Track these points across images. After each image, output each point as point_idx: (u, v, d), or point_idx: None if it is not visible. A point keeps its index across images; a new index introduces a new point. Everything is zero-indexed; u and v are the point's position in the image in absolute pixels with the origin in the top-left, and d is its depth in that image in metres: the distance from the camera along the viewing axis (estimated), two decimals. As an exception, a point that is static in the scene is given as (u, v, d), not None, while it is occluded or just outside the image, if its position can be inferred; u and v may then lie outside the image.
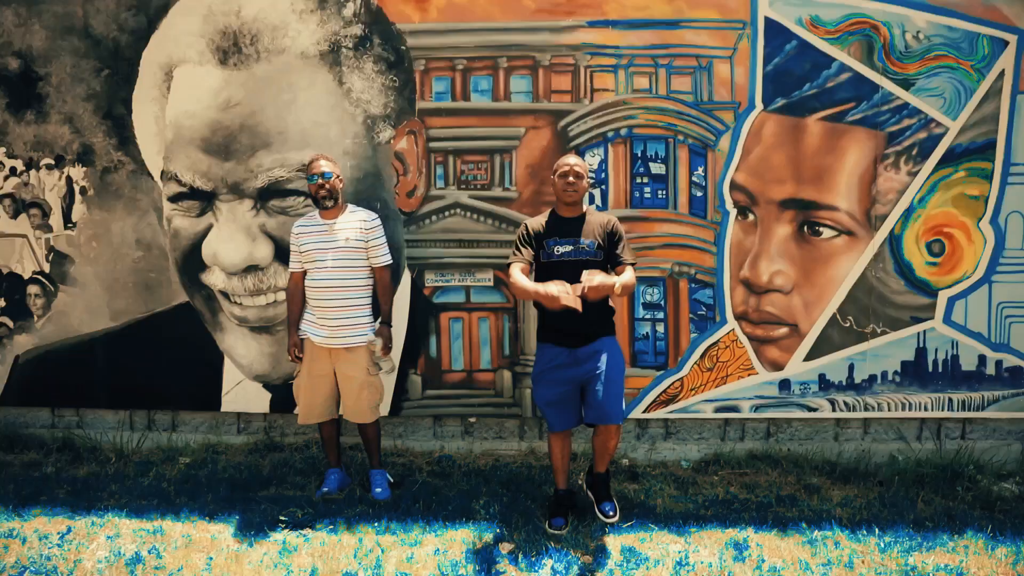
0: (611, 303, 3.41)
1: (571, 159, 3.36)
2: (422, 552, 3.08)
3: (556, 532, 3.27)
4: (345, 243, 3.58)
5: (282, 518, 3.35)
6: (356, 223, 3.62)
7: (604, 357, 3.31)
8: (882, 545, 3.15)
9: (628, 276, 3.24)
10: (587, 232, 3.33)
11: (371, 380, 3.66)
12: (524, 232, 3.38)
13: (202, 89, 4.05)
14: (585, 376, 3.31)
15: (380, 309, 3.70)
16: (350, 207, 3.71)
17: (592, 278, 3.07)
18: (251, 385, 4.22)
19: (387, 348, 3.66)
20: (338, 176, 3.62)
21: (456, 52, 4.01)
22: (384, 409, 4.15)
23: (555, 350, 3.34)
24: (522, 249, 3.35)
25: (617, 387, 3.33)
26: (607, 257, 3.33)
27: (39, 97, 4.12)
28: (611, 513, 3.36)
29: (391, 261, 3.71)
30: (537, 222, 3.40)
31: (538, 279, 3.30)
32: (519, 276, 3.28)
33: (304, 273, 3.66)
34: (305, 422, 3.72)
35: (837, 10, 3.94)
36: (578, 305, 3.02)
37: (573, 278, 3.16)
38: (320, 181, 3.55)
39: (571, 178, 3.30)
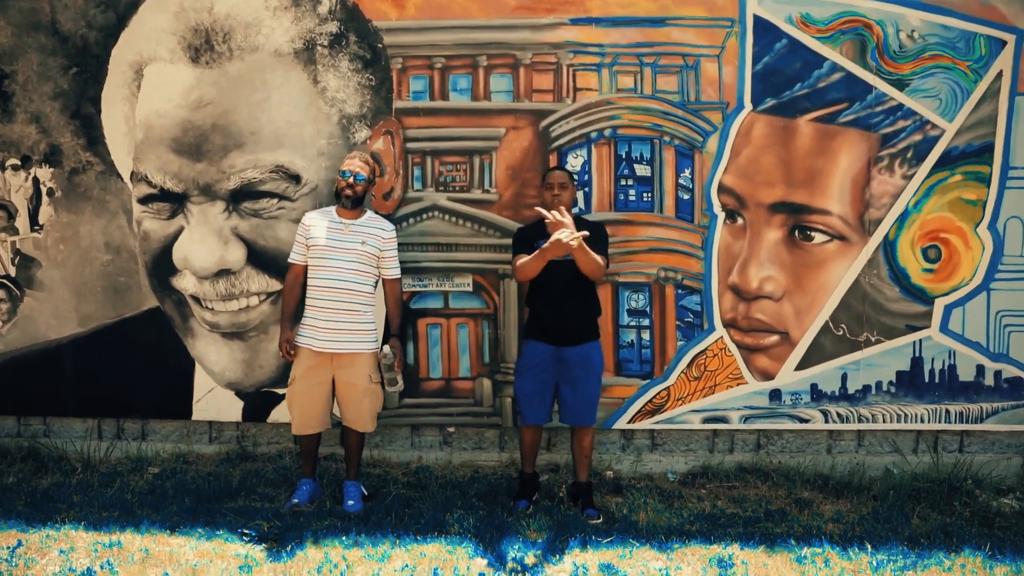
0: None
1: (556, 172, 3.56)
2: (389, 568, 2.93)
3: (521, 512, 3.44)
4: (362, 247, 3.47)
5: (246, 531, 3.20)
6: (375, 231, 3.53)
7: (586, 361, 3.49)
8: (874, 564, 2.99)
9: (597, 256, 3.37)
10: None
11: (372, 388, 3.54)
12: (517, 238, 3.58)
13: (173, 88, 3.93)
14: (564, 377, 3.48)
15: (390, 323, 3.65)
16: (369, 212, 3.61)
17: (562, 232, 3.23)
18: (223, 393, 4.08)
19: (401, 361, 3.57)
20: (370, 181, 3.54)
21: (434, 50, 3.89)
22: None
23: (540, 347, 3.49)
24: (518, 252, 3.51)
25: (594, 391, 3.52)
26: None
27: (4, 95, 4.00)
28: (596, 516, 3.42)
29: (401, 275, 3.65)
30: (527, 228, 3.60)
31: (530, 284, 3.55)
32: (522, 260, 3.42)
33: (305, 268, 3.55)
34: (301, 432, 3.58)
35: (829, 8, 3.82)
36: (572, 232, 3.21)
37: (562, 278, 3.40)
38: (351, 180, 3.47)
39: (556, 189, 3.48)
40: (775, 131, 3.88)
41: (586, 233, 3.27)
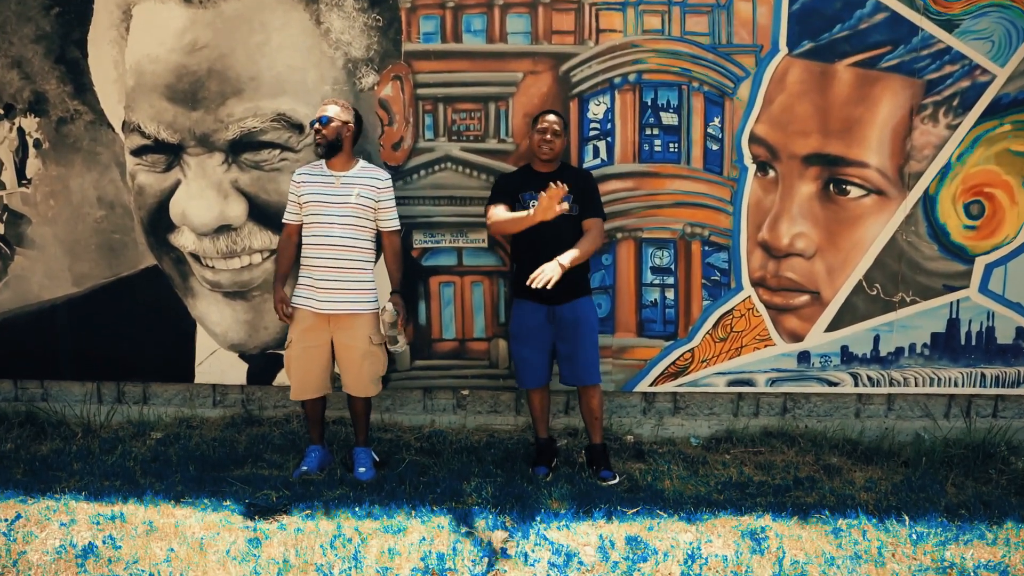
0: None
1: (549, 116, 3.33)
2: (405, 542, 2.79)
3: (540, 479, 3.33)
4: (356, 200, 3.26)
5: (254, 501, 3.06)
6: (368, 180, 3.31)
7: (580, 317, 3.36)
8: (914, 536, 2.85)
9: (587, 242, 3.26)
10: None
11: (373, 350, 3.36)
12: (501, 181, 3.41)
13: (165, 30, 3.66)
14: (561, 336, 3.37)
15: (390, 278, 3.43)
16: (362, 162, 3.38)
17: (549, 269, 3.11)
18: (226, 355, 3.91)
19: (405, 319, 3.38)
20: (345, 123, 3.28)
21: (446, -13, 3.60)
22: (371, 381, 3.84)
23: (532, 306, 3.36)
24: (500, 198, 3.34)
25: (593, 347, 3.40)
26: (582, 211, 3.32)
27: (-17, 38, 3.73)
28: (611, 478, 3.32)
29: (400, 227, 3.42)
30: (511, 176, 3.42)
31: (514, 239, 3.37)
32: (501, 213, 3.27)
33: (299, 226, 3.35)
34: (299, 398, 3.41)
35: (873, -60, 3.52)
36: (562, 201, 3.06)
37: (551, 232, 3.22)
38: (317, 125, 3.24)
39: (549, 135, 3.30)
40: (812, 77, 3.61)
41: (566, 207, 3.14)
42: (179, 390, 4.04)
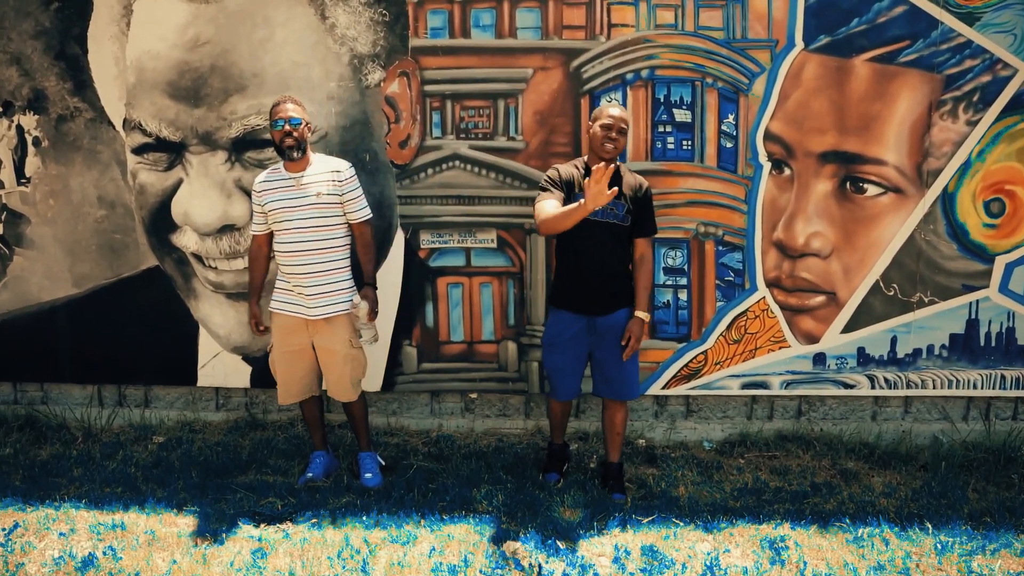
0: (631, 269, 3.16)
1: (615, 110, 3.05)
2: (415, 552, 2.71)
3: (551, 486, 3.22)
4: (317, 198, 3.12)
5: (258, 510, 2.98)
6: (328, 175, 3.15)
7: (622, 330, 3.12)
8: (938, 546, 2.77)
9: (648, 273, 3.13)
10: (619, 193, 3.03)
11: (354, 353, 3.25)
12: (555, 176, 3.07)
13: (167, 25, 3.57)
14: (600, 348, 3.14)
15: (363, 270, 3.27)
16: (318, 156, 3.23)
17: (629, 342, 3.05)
18: (229, 357, 3.83)
19: (373, 313, 3.21)
20: (307, 124, 3.15)
21: (454, -19, 3.51)
22: (376, 384, 3.77)
23: (571, 317, 3.13)
24: (552, 190, 3.03)
25: (633, 364, 3.20)
26: (635, 225, 3.11)
27: (-19, 34, 3.65)
28: (622, 500, 3.16)
29: (371, 215, 3.26)
30: (570, 169, 3.11)
31: (559, 241, 3.10)
32: (550, 207, 2.92)
33: (269, 235, 3.22)
34: (285, 402, 3.33)
35: (892, -68, 3.42)
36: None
37: (599, 238, 3.02)
38: (287, 128, 3.07)
39: (614, 133, 3.02)
40: (828, 72, 3.52)
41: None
42: (181, 393, 3.96)
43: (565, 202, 2.98)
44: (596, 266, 3.07)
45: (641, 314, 3.08)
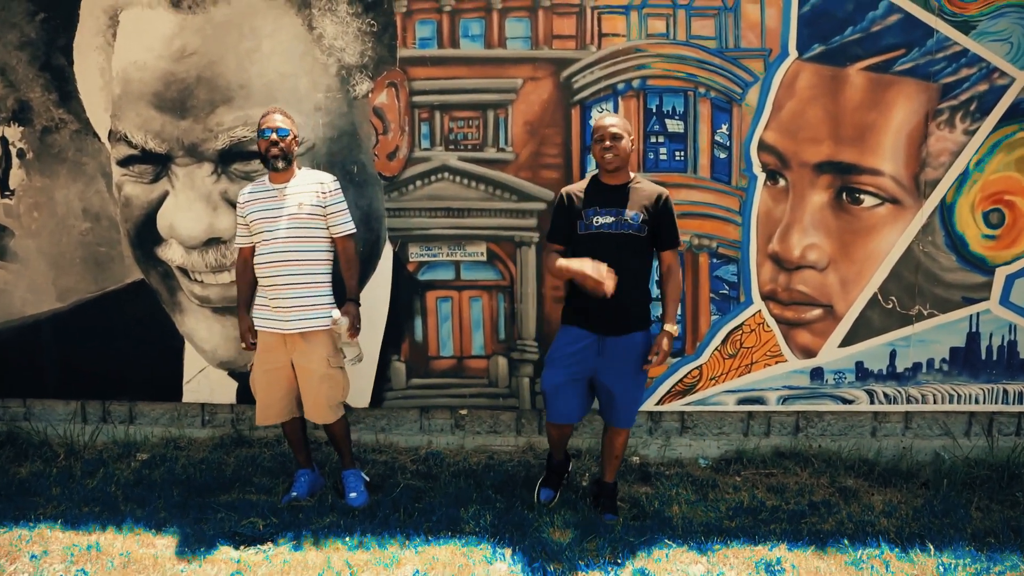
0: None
1: (606, 119, 2.95)
2: (398, 574, 2.62)
3: (543, 505, 3.11)
4: (299, 209, 3.06)
5: (239, 530, 2.90)
6: (312, 186, 3.10)
7: (633, 355, 2.98)
8: (941, 568, 2.68)
9: (675, 288, 3.02)
10: (633, 203, 2.93)
11: (331, 373, 3.13)
12: (560, 203, 3.01)
13: (153, 36, 3.53)
14: (605, 371, 2.98)
15: (345, 286, 3.18)
16: (303, 169, 3.20)
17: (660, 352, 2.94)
18: (215, 373, 3.76)
19: (355, 329, 3.12)
20: (295, 137, 3.11)
21: (443, -9, 3.47)
22: (364, 400, 3.69)
23: (580, 332, 2.98)
24: (557, 227, 3.00)
25: (639, 388, 3.06)
26: (651, 234, 2.96)
27: (-35, 45, 3.61)
28: (614, 521, 3.06)
29: (354, 230, 3.20)
30: (576, 189, 3.02)
31: (575, 253, 2.94)
32: (552, 263, 2.95)
33: (254, 249, 3.15)
34: (263, 423, 3.23)
35: (886, -60, 3.38)
36: (608, 285, 2.75)
37: (613, 253, 2.87)
38: (274, 137, 3.03)
39: (607, 142, 2.91)
40: (823, 81, 3.47)
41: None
42: (166, 409, 3.89)
43: (573, 224, 2.96)
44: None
45: (670, 327, 2.94)
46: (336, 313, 3.06)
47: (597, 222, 2.91)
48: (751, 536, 2.91)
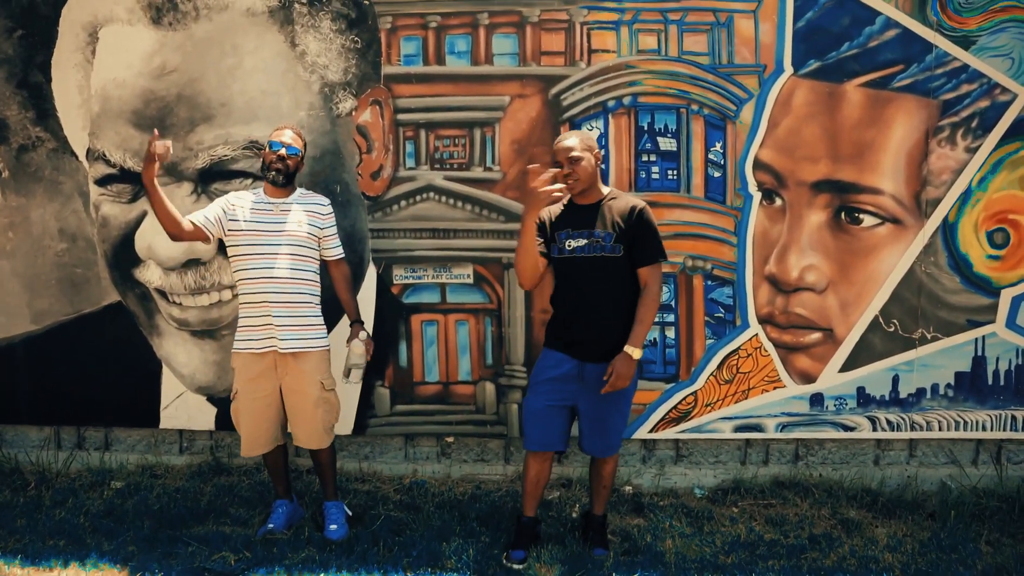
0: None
1: (564, 141, 2.80)
2: (373, 614, 2.48)
3: (516, 567, 2.81)
4: (298, 228, 3.00)
5: (208, 566, 2.76)
6: (311, 207, 3.07)
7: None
8: (949, 609, 2.53)
9: (650, 305, 2.76)
10: (603, 221, 2.78)
11: (326, 396, 3.06)
12: (541, 226, 2.87)
13: (133, 53, 3.46)
14: (584, 399, 2.81)
15: (345, 309, 3.17)
16: (301, 190, 3.14)
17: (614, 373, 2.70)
18: (193, 398, 3.63)
19: (370, 344, 3.13)
20: (302, 159, 3.08)
21: (428, 7, 3.38)
22: (347, 427, 3.56)
23: (561, 356, 2.85)
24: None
25: (623, 417, 2.92)
26: (627, 251, 2.78)
27: (-60, 62, 3.53)
28: (604, 556, 2.90)
29: (344, 253, 3.16)
30: (549, 211, 2.87)
31: (554, 278, 2.89)
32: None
33: (202, 231, 2.95)
34: (251, 454, 3.10)
35: (882, -46, 3.30)
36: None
37: (588, 277, 2.76)
38: (282, 153, 3.00)
39: (566, 167, 2.76)
40: (819, 98, 3.37)
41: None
42: (143, 435, 3.76)
43: (547, 248, 2.84)
44: (586, 305, 2.79)
45: (630, 349, 2.69)
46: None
47: (570, 246, 2.78)
48: (748, 573, 2.76)
